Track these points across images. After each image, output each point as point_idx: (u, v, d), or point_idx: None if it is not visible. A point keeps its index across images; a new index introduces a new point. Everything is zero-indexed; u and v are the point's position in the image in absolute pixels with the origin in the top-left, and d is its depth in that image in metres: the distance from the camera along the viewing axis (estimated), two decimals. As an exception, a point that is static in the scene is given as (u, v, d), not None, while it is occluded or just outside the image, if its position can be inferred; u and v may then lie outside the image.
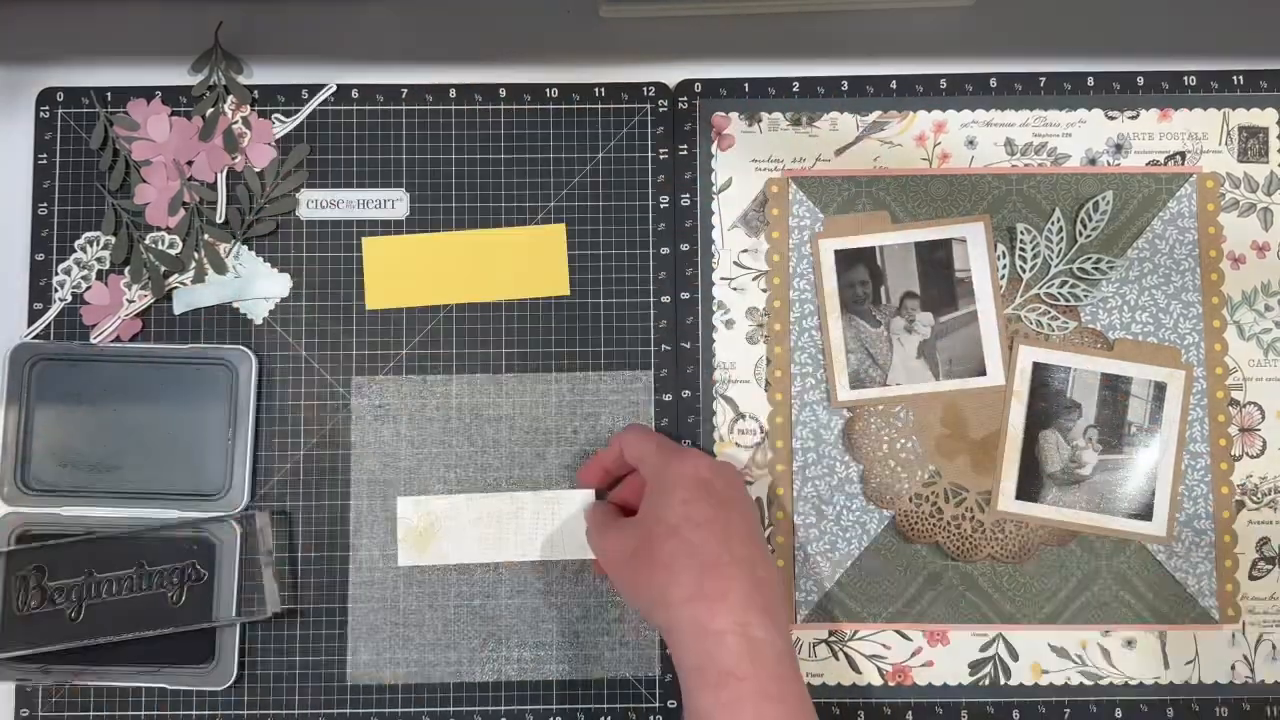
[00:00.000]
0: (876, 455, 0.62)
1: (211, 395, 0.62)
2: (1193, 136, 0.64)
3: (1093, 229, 0.63)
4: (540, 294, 0.63)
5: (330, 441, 0.62)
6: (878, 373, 0.62)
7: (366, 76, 0.65)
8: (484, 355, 0.63)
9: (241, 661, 0.61)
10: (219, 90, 0.64)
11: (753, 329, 0.63)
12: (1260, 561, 0.61)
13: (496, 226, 0.64)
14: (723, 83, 0.65)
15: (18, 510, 0.61)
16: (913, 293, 0.62)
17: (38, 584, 0.60)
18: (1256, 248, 0.63)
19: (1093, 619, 0.61)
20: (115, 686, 0.61)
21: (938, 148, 0.64)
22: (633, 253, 0.64)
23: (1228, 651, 0.61)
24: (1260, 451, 0.62)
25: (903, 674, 0.61)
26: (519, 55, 0.65)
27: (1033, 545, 0.61)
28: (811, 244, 0.63)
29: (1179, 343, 0.62)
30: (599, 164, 0.64)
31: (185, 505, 0.61)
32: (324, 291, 0.63)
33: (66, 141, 0.64)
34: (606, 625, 0.61)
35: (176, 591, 0.60)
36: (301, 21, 0.65)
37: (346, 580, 0.62)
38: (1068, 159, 0.64)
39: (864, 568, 0.61)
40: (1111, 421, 0.61)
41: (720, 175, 0.64)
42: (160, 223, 0.63)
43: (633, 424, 0.62)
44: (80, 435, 0.61)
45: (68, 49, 0.63)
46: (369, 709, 0.61)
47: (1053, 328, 0.62)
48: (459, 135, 0.64)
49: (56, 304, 0.63)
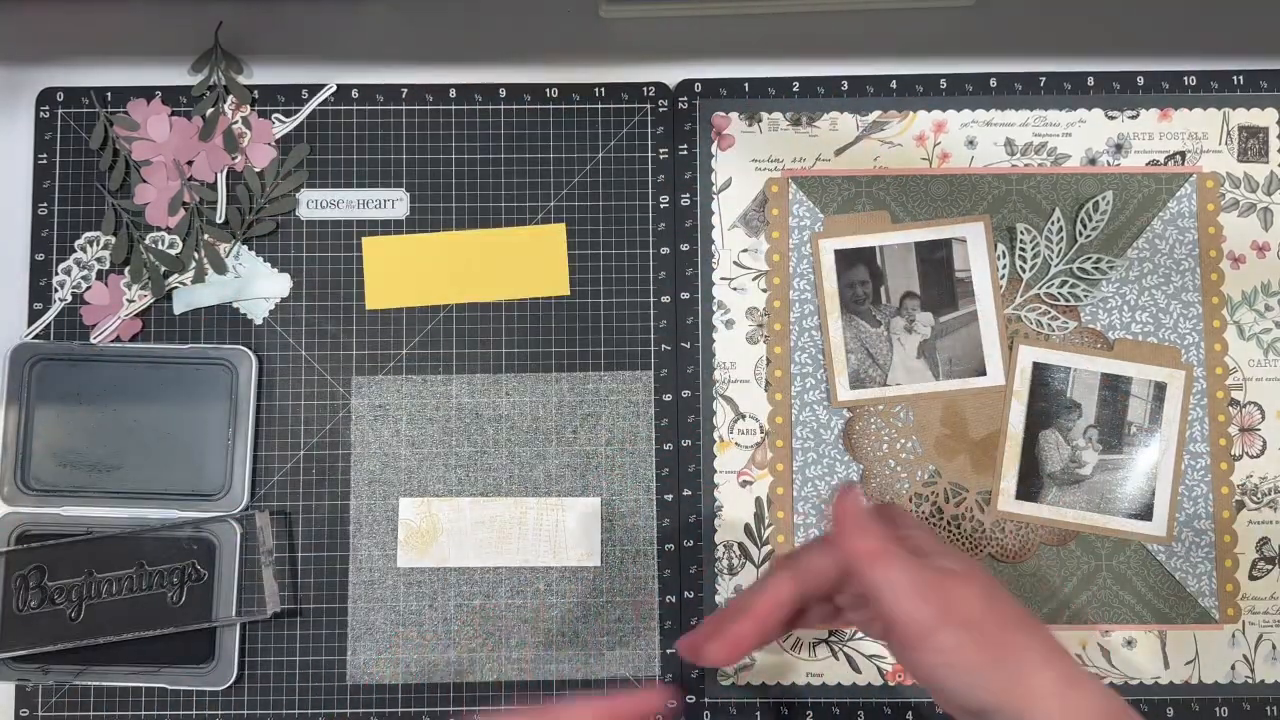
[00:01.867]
0: (876, 455, 0.62)
1: (211, 395, 0.62)
2: (1193, 136, 0.64)
3: (1093, 229, 0.63)
4: (540, 294, 0.63)
5: (330, 441, 0.62)
6: (878, 373, 0.62)
7: (366, 76, 0.65)
8: (484, 355, 0.63)
9: (241, 661, 0.61)
10: (219, 90, 0.64)
11: (753, 329, 0.63)
12: (1260, 561, 0.61)
13: (496, 226, 0.64)
14: (723, 83, 0.65)
15: (18, 510, 0.61)
16: (913, 293, 0.62)
17: (38, 584, 0.60)
18: (1256, 248, 0.63)
19: (1093, 619, 0.61)
20: (115, 686, 0.61)
21: (938, 148, 0.64)
22: (633, 253, 0.64)
23: (1228, 651, 0.61)
24: (1260, 451, 0.62)
25: (903, 674, 0.61)
26: (519, 55, 0.65)
27: (1033, 545, 0.61)
28: (811, 244, 0.63)
29: (1179, 343, 0.62)
30: (599, 164, 0.64)
31: (185, 505, 0.61)
32: (324, 291, 0.63)
33: (66, 141, 0.64)
34: (606, 625, 0.61)
35: (176, 591, 0.60)
36: (301, 21, 0.65)
37: (346, 580, 0.62)
38: (1068, 159, 0.64)
39: (864, 568, 0.61)
40: (1111, 421, 0.61)
41: (720, 175, 0.64)
42: (160, 223, 0.63)
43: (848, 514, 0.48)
44: (80, 435, 0.61)
45: (68, 49, 0.63)
46: (369, 709, 0.61)
47: (1053, 328, 0.62)
48: (459, 135, 0.64)
49: (56, 304, 0.63)
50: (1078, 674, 0.45)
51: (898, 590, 0.45)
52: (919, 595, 0.45)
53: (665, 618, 0.62)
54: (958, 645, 0.45)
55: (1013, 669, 0.45)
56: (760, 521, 0.62)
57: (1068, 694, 0.45)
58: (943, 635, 0.45)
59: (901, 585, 0.45)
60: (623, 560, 0.62)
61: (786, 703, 0.61)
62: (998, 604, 0.46)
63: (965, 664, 0.45)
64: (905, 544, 0.47)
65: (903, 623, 0.45)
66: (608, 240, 0.64)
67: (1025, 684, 0.45)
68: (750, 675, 0.61)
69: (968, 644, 0.45)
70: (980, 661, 0.45)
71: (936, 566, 0.46)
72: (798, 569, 0.48)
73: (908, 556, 0.46)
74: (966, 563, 0.47)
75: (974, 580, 0.46)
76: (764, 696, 0.61)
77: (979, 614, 0.45)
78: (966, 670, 0.45)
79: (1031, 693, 0.44)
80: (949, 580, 0.46)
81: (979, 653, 0.45)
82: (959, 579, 0.46)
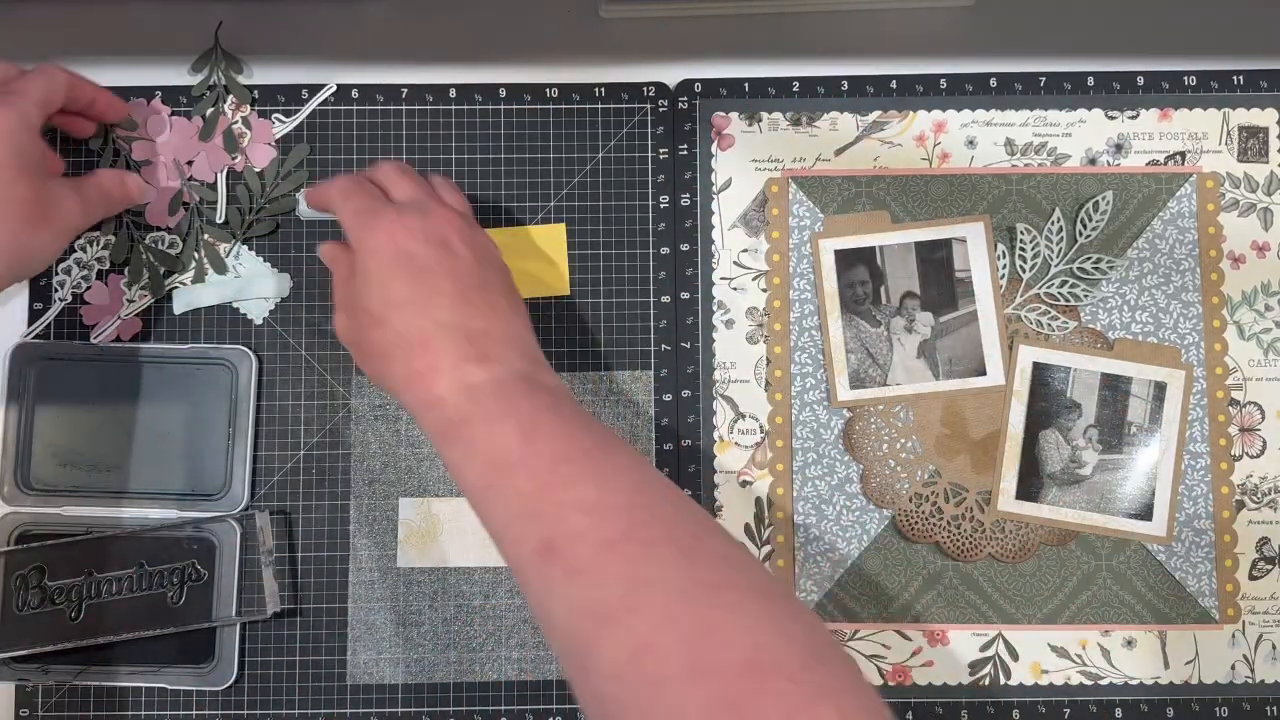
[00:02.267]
0: (876, 455, 0.62)
1: (211, 395, 0.62)
2: (1193, 136, 0.64)
3: (1093, 229, 0.63)
4: (540, 294, 0.63)
5: (330, 441, 0.62)
6: (878, 373, 0.62)
7: (366, 76, 0.65)
8: (484, 355, 0.63)
9: (241, 661, 0.61)
10: (219, 90, 0.64)
11: (753, 329, 0.63)
12: (1260, 561, 0.61)
13: (496, 226, 0.64)
14: (723, 83, 0.65)
15: (18, 510, 0.61)
16: (913, 293, 0.62)
17: (38, 584, 0.60)
18: (1256, 248, 0.63)
19: (1093, 619, 0.61)
20: (115, 686, 0.61)
21: (938, 148, 0.64)
22: (633, 253, 0.64)
23: (1228, 651, 0.61)
24: (1260, 451, 0.62)
25: (903, 674, 0.61)
26: (519, 55, 0.65)
27: (1033, 545, 0.61)
28: (811, 244, 0.63)
29: (1179, 343, 0.62)
30: (599, 164, 0.64)
31: (185, 505, 0.61)
32: (324, 291, 0.63)
33: (66, 141, 0.64)
34: (606, 625, 0.61)
35: (176, 591, 0.60)
36: (301, 21, 0.65)
37: (346, 580, 0.62)
38: (1068, 159, 0.64)
39: (864, 567, 0.61)
40: (1111, 421, 0.61)
41: (720, 175, 0.64)
42: (160, 223, 0.63)
43: (345, 176, 0.56)
44: (80, 435, 0.61)
45: (68, 49, 0.63)
46: (369, 709, 0.61)
47: (1053, 328, 0.62)
48: (459, 135, 0.64)
49: (56, 304, 0.63)
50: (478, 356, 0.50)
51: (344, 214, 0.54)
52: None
53: (665, 618, 0.61)
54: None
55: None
56: (760, 521, 0.62)
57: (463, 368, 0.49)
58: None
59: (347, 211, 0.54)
60: (623, 560, 0.62)
61: (786, 703, 0.61)
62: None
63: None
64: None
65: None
66: (608, 240, 0.64)
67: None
68: (750, 675, 0.61)
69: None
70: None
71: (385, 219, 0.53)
72: (322, 195, 0.56)
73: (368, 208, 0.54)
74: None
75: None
76: (764, 696, 0.61)
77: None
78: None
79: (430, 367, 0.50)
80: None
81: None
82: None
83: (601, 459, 0.47)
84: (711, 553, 0.44)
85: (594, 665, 0.42)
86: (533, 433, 0.47)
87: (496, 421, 0.48)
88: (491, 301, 0.52)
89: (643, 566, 0.43)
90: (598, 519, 0.44)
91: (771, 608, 0.42)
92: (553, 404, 0.49)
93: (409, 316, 0.51)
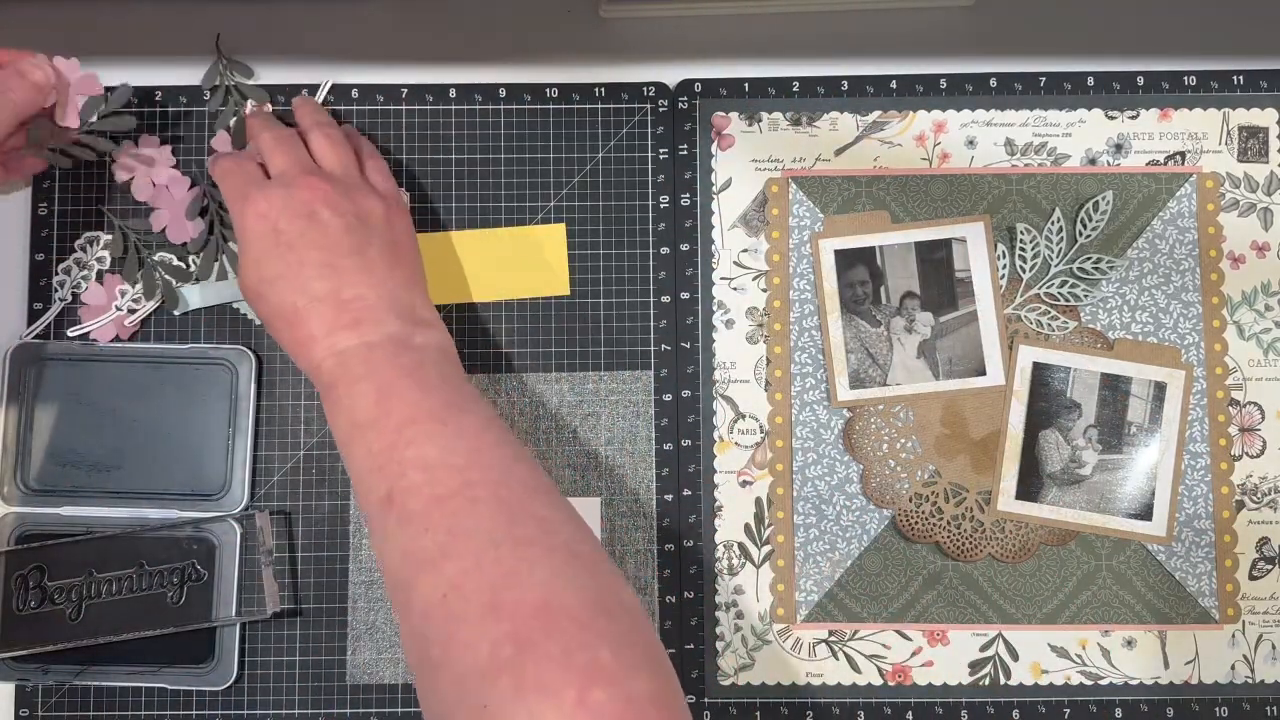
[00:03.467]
0: (876, 455, 0.62)
1: (211, 395, 0.62)
2: (1193, 136, 0.64)
3: (1093, 229, 0.63)
4: (540, 294, 0.63)
5: (330, 441, 0.62)
6: (878, 373, 0.62)
7: (366, 76, 0.65)
8: (484, 355, 0.63)
9: (241, 661, 0.61)
10: (235, 98, 0.64)
11: (753, 329, 0.63)
12: (1260, 561, 0.61)
13: (496, 226, 0.64)
14: (723, 83, 0.65)
15: (18, 510, 0.61)
16: (913, 293, 0.62)
17: (38, 584, 0.60)
18: (1256, 248, 0.63)
19: (1093, 619, 0.61)
20: (115, 686, 0.61)
21: (938, 148, 0.64)
22: (633, 253, 0.64)
23: (1228, 651, 0.61)
24: (1260, 451, 0.62)
25: (903, 674, 0.61)
26: (519, 55, 0.65)
27: (1033, 545, 0.61)
28: (811, 244, 0.63)
29: (1179, 343, 0.62)
30: (599, 164, 0.64)
31: (185, 505, 0.61)
32: (324, 291, 0.63)
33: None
34: (606, 625, 0.61)
35: (176, 591, 0.60)
36: (301, 21, 0.65)
37: (346, 580, 0.62)
38: (1068, 159, 0.64)
39: (864, 567, 0.61)
40: (1111, 421, 0.62)
41: (720, 175, 0.64)
42: (182, 238, 0.62)
43: (226, 155, 0.59)
44: (80, 435, 0.61)
45: (68, 49, 0.62)
46: (369, 709, 0.61)
47: (1053, 328, 0.62)
48: (459, 135, 0.64)
49: (56, 304, 0.63)
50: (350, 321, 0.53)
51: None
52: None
53: (665, 618, 0.62)
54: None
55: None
56: (760, 521, 0.62)
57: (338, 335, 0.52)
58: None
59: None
60: (623, 560, 0.62)
61: (786, 703, 0.61)
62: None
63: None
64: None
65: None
66: (608, 240, 0.64)
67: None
68: (750, 675, 0.61)
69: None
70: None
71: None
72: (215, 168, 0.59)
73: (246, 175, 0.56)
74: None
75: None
76: (764, 696, 0.61)
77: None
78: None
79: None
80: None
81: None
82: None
83: (449, 421, 0.50)
84: (530, 514, 0.48)
85: (413, 604, 0.47)
86: (388, 395, 0.51)
87: (357, 384, 0.51)
88: (366, 265, 0.54)
89: (465, 519, 0.47)
90: (432, 475, 0.48)
91: (572, 565, 0.46)
92: (415, 367, 0.52)
93: (283, 292, 0.53)
